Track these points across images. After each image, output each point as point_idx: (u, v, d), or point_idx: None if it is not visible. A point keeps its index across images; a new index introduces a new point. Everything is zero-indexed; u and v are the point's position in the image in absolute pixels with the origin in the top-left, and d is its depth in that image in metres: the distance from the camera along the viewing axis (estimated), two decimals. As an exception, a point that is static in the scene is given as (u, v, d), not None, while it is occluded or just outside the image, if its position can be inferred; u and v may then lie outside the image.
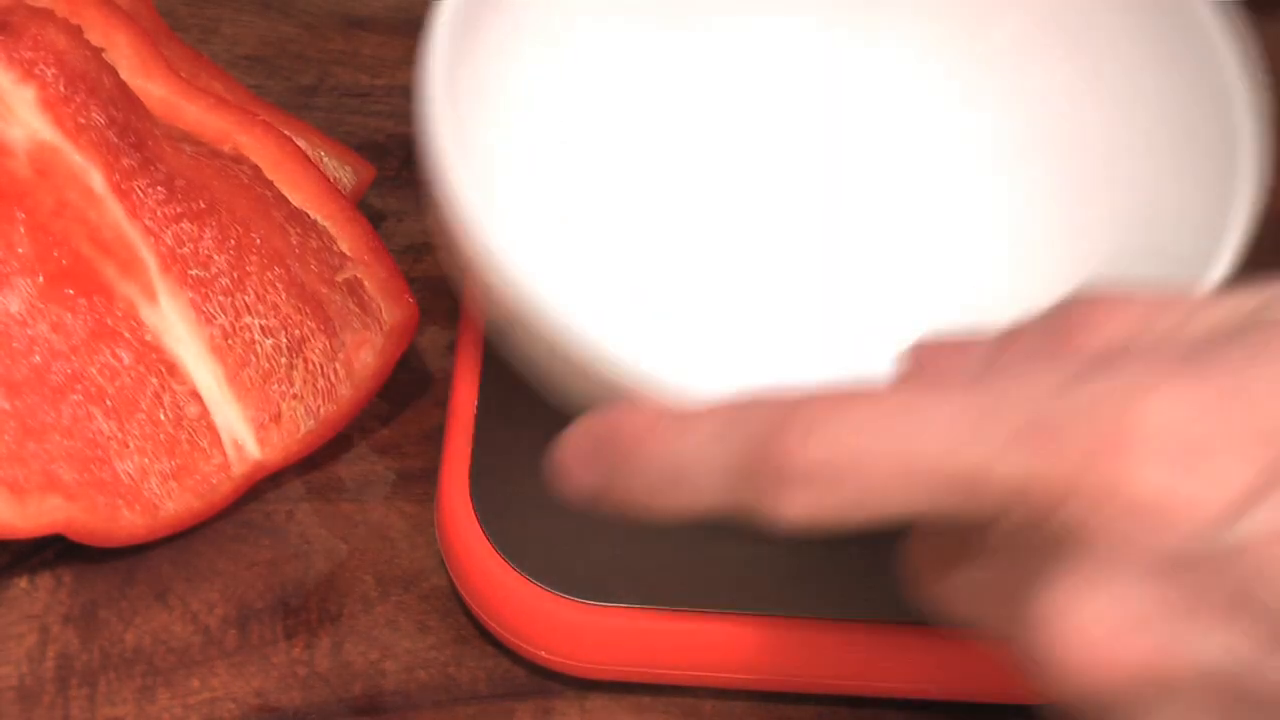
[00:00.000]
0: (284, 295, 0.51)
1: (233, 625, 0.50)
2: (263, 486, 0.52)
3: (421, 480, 0.52)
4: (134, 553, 0.51)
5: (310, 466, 0.52)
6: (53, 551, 0.51)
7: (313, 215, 0.53)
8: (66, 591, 0.50)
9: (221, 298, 0.51)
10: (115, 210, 0.50)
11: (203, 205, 0.51)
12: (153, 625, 0.50)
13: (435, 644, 0.50)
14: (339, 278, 0.52)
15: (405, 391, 0.53)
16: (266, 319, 0.51)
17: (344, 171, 0.55)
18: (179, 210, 0.50)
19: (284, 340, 0.51)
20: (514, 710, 0.49)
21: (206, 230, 0.51)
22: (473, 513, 0.49)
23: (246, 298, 0.51)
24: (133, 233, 0.50)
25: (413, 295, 0.52)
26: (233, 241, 0.51)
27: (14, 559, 0.50)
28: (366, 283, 0.52)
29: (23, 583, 0.50)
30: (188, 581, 0.50)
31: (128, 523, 0.50)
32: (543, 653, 0.48)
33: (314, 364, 0.51)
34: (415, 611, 0.50)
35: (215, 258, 0.51)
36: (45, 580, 0.50)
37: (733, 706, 0.49)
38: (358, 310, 0.52)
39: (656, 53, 0.54)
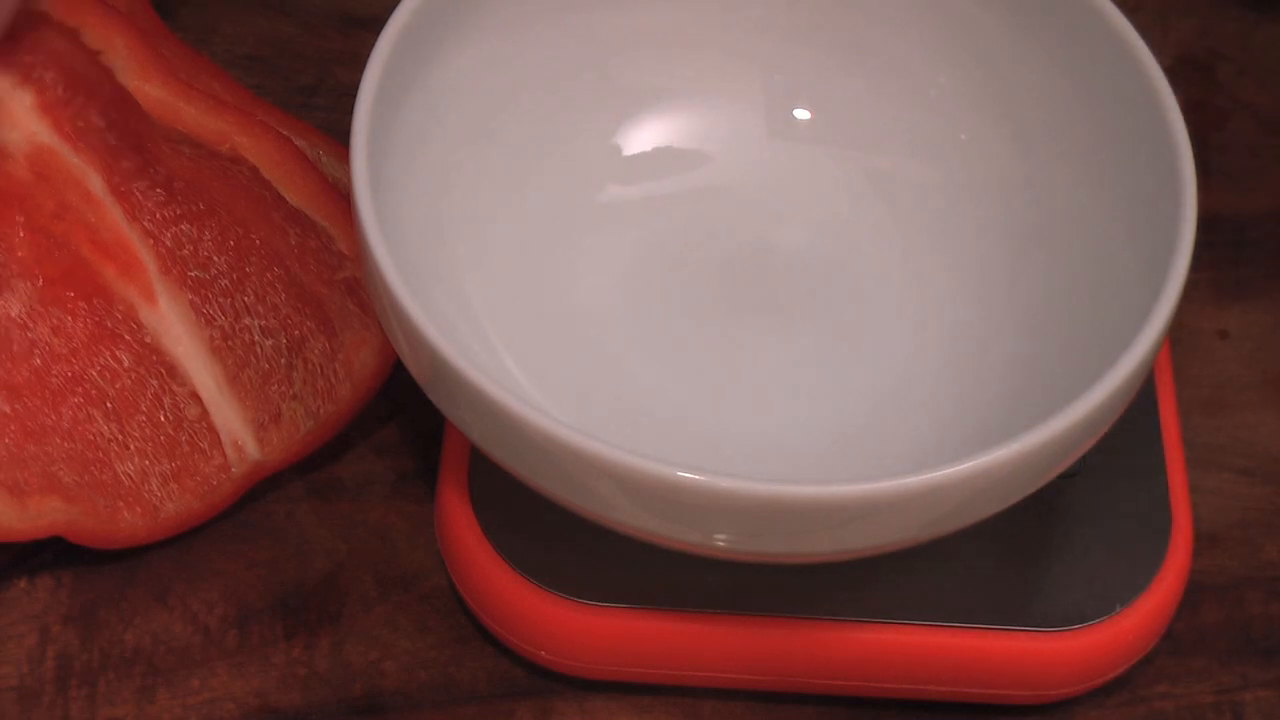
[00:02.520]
0: (284, 296, 0.51)
1: (233, 625, 0.50)
2: (263, 487, 0.52)
3: (421, 480, 0.52)
4: (134, 553, 0.51)
5: (310, 466, 0.52)
6: (52, 552, 0.51)
7: (311, 216, 0.52)
8: (66, 591, 0.50)
9: (221, 299, 0.51)
10: (115, 212, 0.50)
11: (202, 207, 0.51)
12: (153, 625, 0.50)
13: (435, 644, 0.50)
14: (338, 277, 0.52)
15: (405, 391, 0.53)
16: (266, 320, 0.51)
17: (343, 171, 0.54)
18: (178, 212, 0.50)
19: (284, 341, 0.51)
20: (514, 710, 0.49)
21: (206, 232, 0.51)
22: (472, 513, 0.49)
23: (246, 299, 0.51)
24: (132, 235, 0.50)
25: None
26: (232, 243, 0.51)
27: (14, 559, 0.50)
28: None
29: (23, 583, 0.50)
30: (188, 581, 0.50)
31: (128, 524, 0.50)
32: (543, 653, 0.48)
33: (314, 364, 0.51)
34: (415, 611, 0.50)
35: (215, 259, 0.51)
36: (45, 580, 0.50)
37: (733, 706, 0.49)
38: (357, 310, 0.52)
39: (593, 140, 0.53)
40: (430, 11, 0.48)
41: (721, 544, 0.44)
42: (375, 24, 0.48)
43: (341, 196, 0.53)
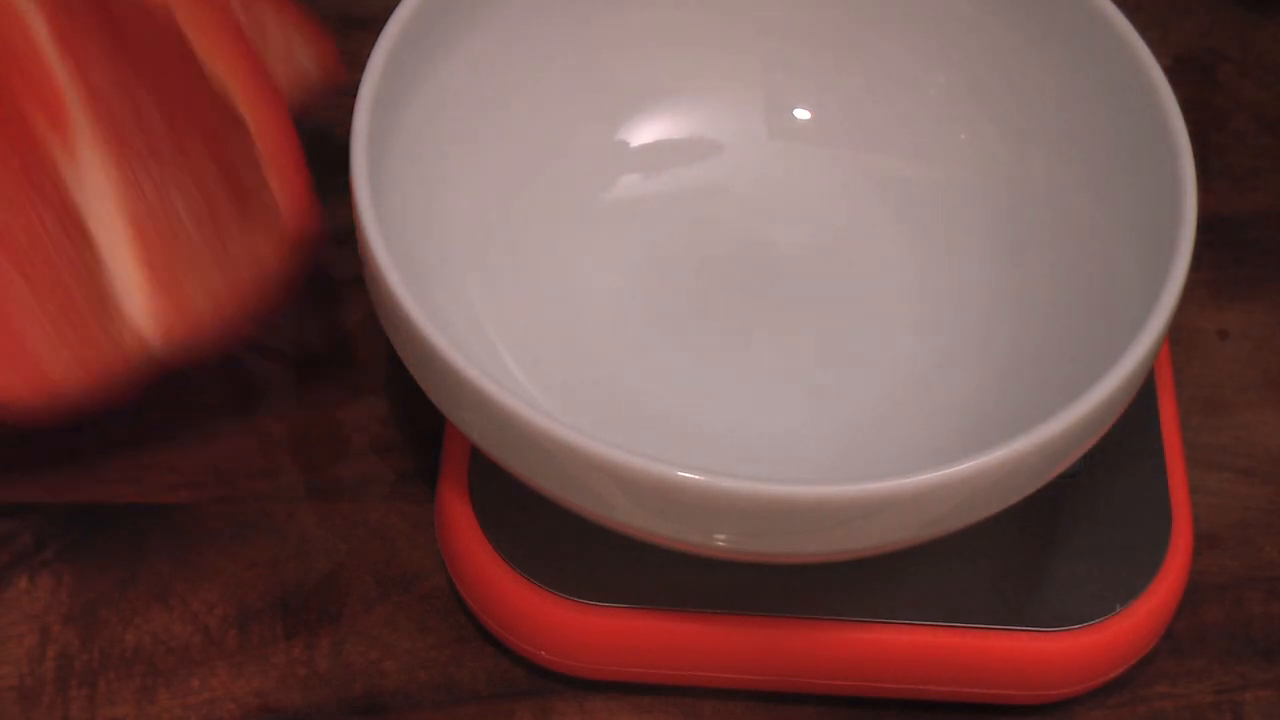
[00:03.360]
0: (216, 175, 0.48)
1: (233, 625, 0.50)
2: (262, 486, 0.52)
3: (421, 480, 0.52)
4: (134, 552, 0.51)
5: (310, 467, 0.52)
6: (53, 551, 0.51)
7: (226, 84, 0.48)
8: (66, 591, 0.50)
9: (155, 167, 0.48)
10: (54, 60, 0.47)
11: (147, 67, 0.47)
12: (153, 625, 0.50)
13: (435, 644, 0.50)
14: (259, 173, 0.48)
15: (405, 391, 0.53)
16: (195, 199, 0.48)
17: (310, 61, 0.52)
18: (123, 68, 0.47)
19: (206, 223, 0.48)
20: (514, 710, 0.49)
21: (148, 94, 0.47)
22: (472, 513, 0.49)
23: (176, 171, 0.48)
24: (70, 86, 0.47)
25: (316, 206, 0.48)
26: (173, 111, 0.47)
27: (14, 559, 0.50)
28: (273, 183, 0.48)
29: (23, 583, 0.50)
30: (188, 581, 0.50)
31: (9, 388, 0.47)
32: (543, 653, 0.48)
33: (232, 255, 0.48)
34: (415, 611, 0.50)
35: (157, 123, 0.47)
36: (45, 580, 0.50)
37: (733, 706, 0.49)
38: (270, 204, 0.48)
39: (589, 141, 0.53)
40: (430, 11, 0.48)
41: (721, 544, 0.44)
42: (375, 24, 0.48)
43: (265, 82, 0.48)
